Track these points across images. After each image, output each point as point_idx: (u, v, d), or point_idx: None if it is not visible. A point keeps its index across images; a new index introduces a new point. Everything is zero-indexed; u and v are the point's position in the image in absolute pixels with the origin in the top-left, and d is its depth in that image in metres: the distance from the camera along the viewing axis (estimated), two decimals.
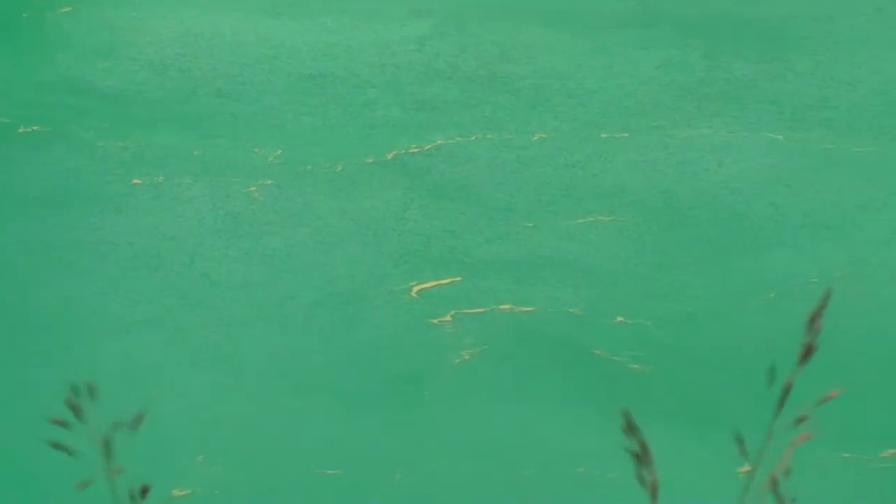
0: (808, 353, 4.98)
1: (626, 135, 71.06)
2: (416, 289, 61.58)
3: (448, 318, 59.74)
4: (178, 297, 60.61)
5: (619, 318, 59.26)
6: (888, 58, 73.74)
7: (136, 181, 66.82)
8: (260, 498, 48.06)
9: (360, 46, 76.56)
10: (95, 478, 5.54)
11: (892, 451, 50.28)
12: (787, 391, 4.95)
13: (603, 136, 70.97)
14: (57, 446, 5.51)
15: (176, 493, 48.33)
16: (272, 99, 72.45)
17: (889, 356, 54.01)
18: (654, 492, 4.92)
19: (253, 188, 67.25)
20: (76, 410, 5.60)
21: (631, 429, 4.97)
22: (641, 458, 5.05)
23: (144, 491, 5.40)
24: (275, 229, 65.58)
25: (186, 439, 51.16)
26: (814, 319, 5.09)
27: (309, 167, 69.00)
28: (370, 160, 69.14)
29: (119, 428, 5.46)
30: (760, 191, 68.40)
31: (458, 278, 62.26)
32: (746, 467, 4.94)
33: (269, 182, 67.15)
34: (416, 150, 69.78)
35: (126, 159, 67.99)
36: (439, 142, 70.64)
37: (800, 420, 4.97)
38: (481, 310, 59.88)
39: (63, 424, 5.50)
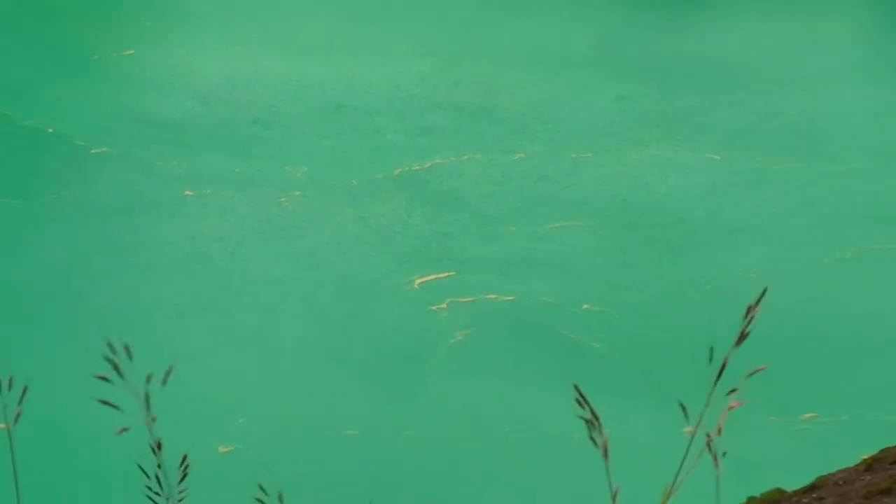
0: (742, 337, 5.03)
1: (590, 155, 70.32)
2: (417, 281, 61.02)
3: (444, 305, 59.28)
4: (223, 287, 60.02)
5: (585, 306, 58.78)
6: (807, 92, 72.82)
7: (187, 193, 66.14)
8: (289, 453, 47.39)
9: (371, 82, 75.62)
10: (135, 427, 5.56)
11: (810, 414, 49.86)
12: (723, 368, 4.99)
13: (572, 155, 70.26)
14: (104, 402, 5.51)
15: (222, 449, 47.79)
16: (299, 126, 71.63)
17: (806, 337, 53.48)
18: (605, 451, 4.95)
19: (283, 199, 66.53)
20: (115, 367, 5.61)
21: (582, 399, 4.99)
22: (592, 423, 5.07)
23: (159, 446, 5.40)
24: (301, 232, 64.92)
25: (230, 406, 50.54)
26: (749, 311, 5.14)
27: (329, 182, 68.31)
28: (380, 176, 68.39)
29: (152, 381, 5.48)
30: (700, 201, 67.80)
31: (453, 273, 61.76)
32: (689, 429, 4.96)
33: (297, 194, 66.41)
34: (417, 168, 69.06)
35: (179, 175, 67.29)
36: (437, 161, 69.92)
37: (732, 391, 5.00)
38: (471, 299, 59.38)
39: (106, 380, 5.52)
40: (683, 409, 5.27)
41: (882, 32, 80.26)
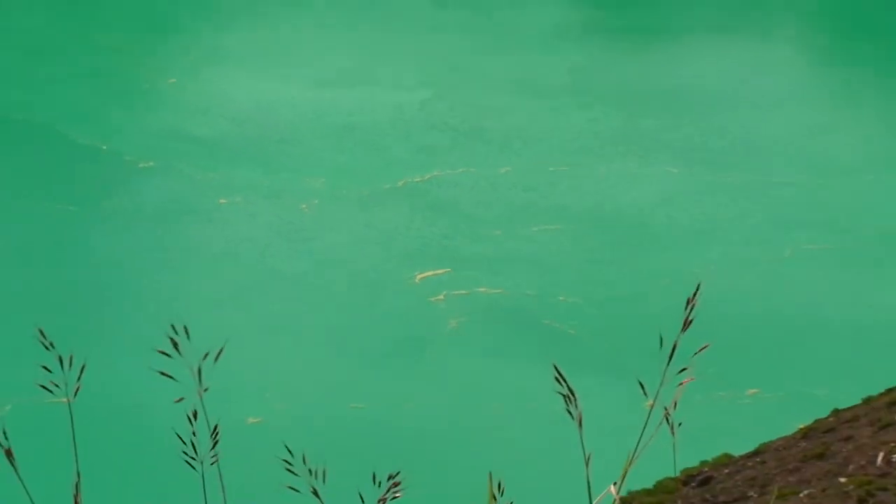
0: (686, 324, 5.05)
1: (566, 168, 70.34)
2: (418, 277, 60.98)
3: (441, 297, 59.23)
4: (251, 281, 59.92)
5: (561, 298, 58.74)
6: (751, 114, 72.78)
7: (221, 201, 66.05)
8: (308, 423, 47.34)
9: (379, 107, 75.59)
10: (188, 396, 5.56)
11: (754, 390, 49.80)
12: (673, 350, 5.00)
13: (550, 169, 70.26)
14: (162, 374, 5.53)
15: (251, 420, 47.74)
16: (317, 144, 71.60)
17: (750, 324, 53.44)
18: (579, 422, 4.95)
19: (304, 206, 66.50)
20: (174, 344, 5.62)
21: (560, 378, 5.00)
22: (569, 398, 5.06)
23: (195, 416, 5.40)
24: (319, 235, 64.88)
25: (258, 382, 50.52)
26: (689, 302, 5.16)
27: (343, 191, 68.25)
28: (386, 186, 68.32)
29: (206, 359, 5.50)
30: (659, 207, 67.83)
31: (449, 269, 61.70)
32: (649, 403, 4.96)
33: (316, 202, 66.39)
34: (418, 180, 69.01)
35: (214, 185, 67.20)
36: (435, 173, 69.82)
37: (683, 369, 5.00)
38: (465, 291, 59.31)
39: (166, 354, 5.52)
40: (642, 386, 5.28)
41: (814, 61, 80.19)
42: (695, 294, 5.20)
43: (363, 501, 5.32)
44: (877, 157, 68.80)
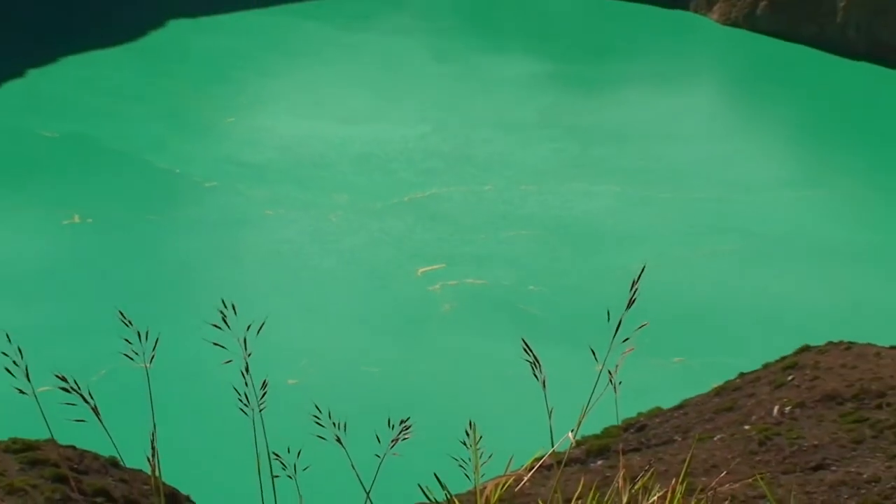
0: (630, 303, 5.04)
1: (535, 186, 70.12)
2: (419, 271, 60.82)
3: (437, 287, 59.02)
4: (290, 274, 59.65)
5: (531, 287, 58.55)
6: (678, 145, 72.58)
7: (268, 212, 65.74)
8: (334, 383, 47.00)
9: (389, 139, 75.43)
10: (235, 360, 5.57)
11: (679, 358, 49.48)
12: (618, 325, 4.98)
13: (522, 187, 70.06)
14: (215, 343, 5.52)
15: (290, 381, 47.47)
16: (342, 167, 71.30)
17: (678, 306, 53.18)
18: (543, 383, 4.94)
19: (332, 216, 66.27)
20: (225, 320, 5.62)
21: (527, 349, 4.98)
22: (534, 365, 5.05)
23: (247, 370, 5.43)
24: (343, 238, 64.60)
25: (295, 352, 50.28)
26: (633, 284, 5.16)
27: (362, 205, 68.03)
28: (395, 201, 68.14)
29: (249, 330, 5.50)
30: (608, 217, 67.55)
31: (444, 265, 61.47)
32: (598, 367, 4.95)
33: (340, 213, 66.11)
34: (420, 196, 68.83)
35: (262, 199, 66.84)
36: (433, 191, 69.66)
37: (625, 340, 4.99)
38: (456, 282, 59.13)
39: (218, 327, 5.51)
40: (593, 353, 5.28)
41: (723, 105, 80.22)
42: (638, 278, 5.21)
43: (379, 441, 5.33)
44: (771, 179, 68.87)
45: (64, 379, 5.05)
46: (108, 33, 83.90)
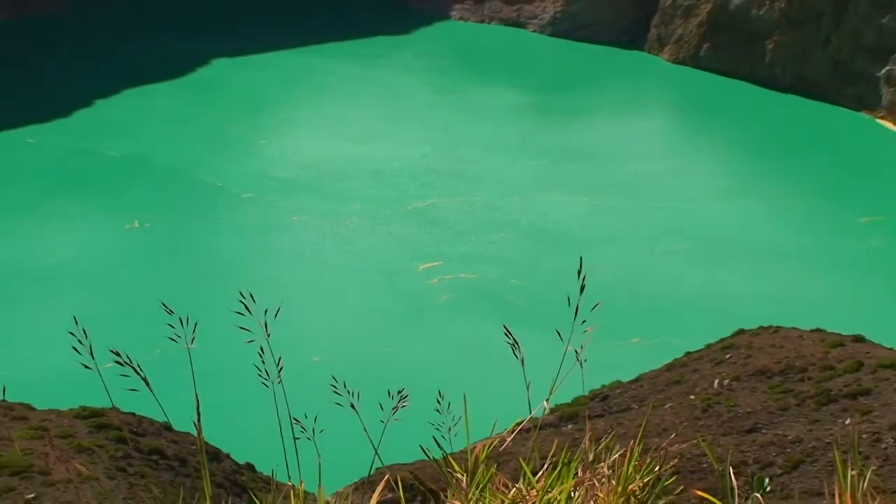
0: (582, 289, 5.05)
1: (517, 197, 69.87)
2: (421, 267, 60.60)
3: (436, 281, 58.81)
4: (314, 270, 59.36)
5: (513, 281, 58.37)
6: (636, 162, 72.44)
7: (294, 218, 65.46)
8: (351, 361, 46.81)
9: (395, 158, 75.24)
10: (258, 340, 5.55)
11: (636, 339, 49.19)
12: (577, 311, 4.98)
13: (505, 198, 69.78)
14: (242, 328, 5.50)
15: (315, 359, 47.29)
16: (356, 182, 71.03)
17: (634, 296, 53.11)
18: (522, 361, 4.94)
19: (348, 222, 65.89)
20: (246, 307, 5.60)
21: (508, 333, 4.99)
22: (514, 346, 5.07)
23: (262, 350, 5.41)
24: (357, 240, 64.33)
25: (319, 335, 50.05)
26: (580, 271, 5.17)
27: (373, 213, 67.75)
28: (400, 209, 67.90)
29: (270, 312, 5.49)
30: (578, 222, 67.49)
31: (441, 262, 61.29)
32: (566, 347, 4.95)
33: (355, 219, 65.76)
34: (421, 205, 68.59)
35: (289, 208, 66.62)
36: (432, 201, 69.46)
37: (583, 321, 4.99)
38: (451, 276, 58.92)
39: (241, 313, 5.50)
40: (559, 335, 5.29)
41: (673, 128, 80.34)
42: (580, 269, 5.25)
43: (382, 408, 5.35)
44: (712, 190, 68.97)
45: (118, 354, 5.05)
46: (163, 70, 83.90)
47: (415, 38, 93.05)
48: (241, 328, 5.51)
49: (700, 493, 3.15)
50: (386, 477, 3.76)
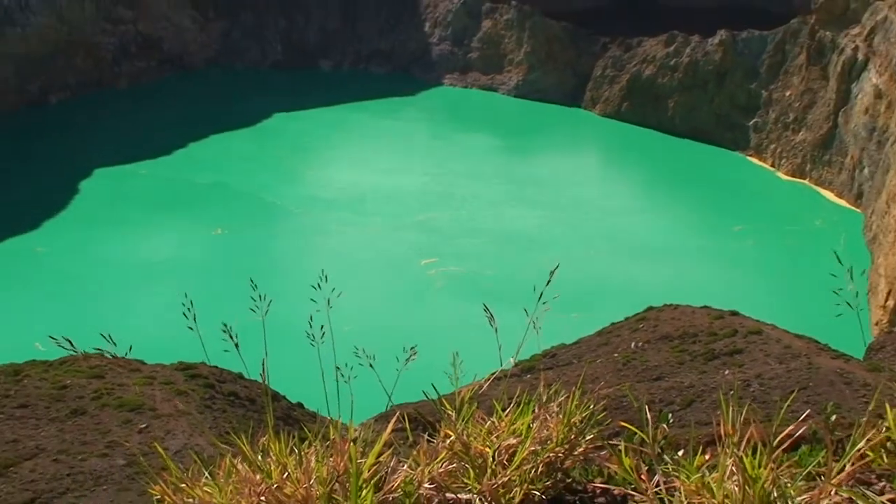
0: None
1: (492, 211, 69.28)
2: (422, 262, 59.98)
3: (433, 272, 58.25)
4: (346, 264, 58.83)
5: (489, 272, 57.83)
6: (574, 188, 71.98)
7: (332, 228, 64.52)
8: (371, 330, 46.27)
9: (404, 184, 74.64)
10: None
11: (576, 314, 48.72)
12: (540, 296, 4.92)
13: (483, 212, 69.22)
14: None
15: (345, 328, 47.08)
16: (377, 201, 70.53)
17: (576, 283, 52.65)
18: (496, 330, 4.89)
19: (370, 229, 65.35)
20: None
21: (487, 309, 4.95)
22: (491, 319, 5.03)
23: (311, 319, 5.34)
24: (377, 243, 63.81)
25: (349, 310, 49.43)
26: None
27: (389, 224, 67.14)
28: (408, 220, 67.39)
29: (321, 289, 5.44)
30: (533, 230, 66.99)
31: (437, 259, 60.72)
32: (528, 320, 4.91)
33: (375, 228, 65.20)
34: (423, 218, 68.05)
35: (329, 220, 65.99)
36: (431, 214, 68.89)
37: (545, 302, 4.93)
38: (444, 269, 58.29)
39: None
40: (526, 312, 5.23)
41: (603, 163, 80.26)
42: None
43: (398, 360, 5.32)
44: (632, 207, 68.96)
45: (226, 326, 5.03)
46: (238, 120, 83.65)
47: (417, 99, 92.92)
48: (312, 300, 5.48)
49: (623, 423, 3.14)
50: (397, 413, 3.74)
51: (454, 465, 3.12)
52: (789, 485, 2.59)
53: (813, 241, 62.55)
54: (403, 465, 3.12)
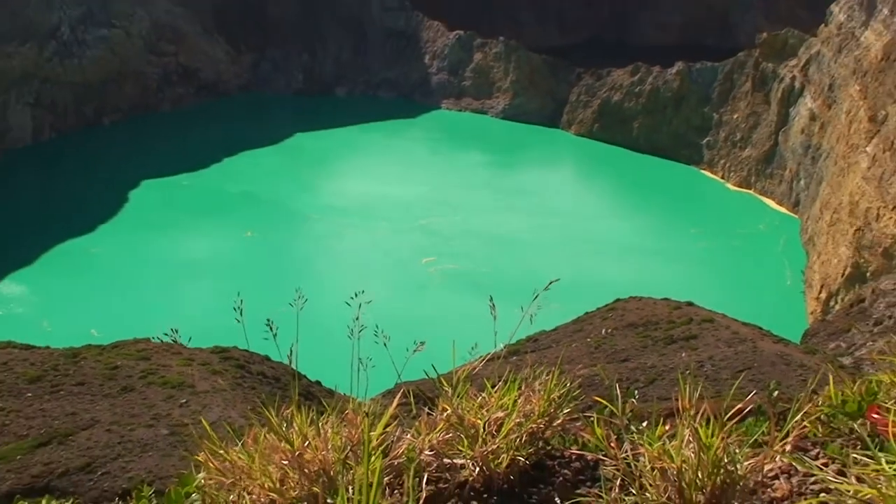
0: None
1: (483, 217, 69.14)
2: (423, 260, 59.78)
3: (433, 269, 58.05)
4: (357, 264, 58.62)
5: (481, 270, 57.66)
6: (552, 197, 71.65)
7: (346, 231, 64.34)
8: (382, 318, 46.46)
9: (408, 193, 74.37)
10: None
11: (556, 305, 48.72)
12: (535, 297, 4.84)
13: (475, 217, 69.01)
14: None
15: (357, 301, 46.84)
16: (383, 209, 70.34)
17: (553, 275, 52.74)
18: (494, 317, 4.86)
19: (379, 233, 65.15)
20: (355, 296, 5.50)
21: (491, 302, 4.90)
22: (492, 307, 4.99)
23: (360, 309, 5.25)
24: (385, 244, 63.65)
25: (357, 302, 49.37)
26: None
27: (395, 227, 67.01)
28: (411, 225, 67.16)
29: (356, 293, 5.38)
30: (519, 233, 66.91)
31: (436, 258, 60.55)
32: (523, 313, 4.88)
33: (383, 232, 64.97)
34: (424, 222, 67.85)
35: (343, 224, 65.80)
36: (431, 219, 68.63)
37: (538, 297, 4.88)
38: (442, 267, 58.09)
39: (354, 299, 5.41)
40: (522, 308, 5.19)
41: (577, 176, 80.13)
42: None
43: (408, 350, 5.27)
44: (602, 212, 68.87)
45: (269, 322, 5.00)
46: (265, 140, 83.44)
47: (419, 121, 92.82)
48: (349, 302, 5.38)
49: (596, 398, 3.15)
50: (402, 390, 3.75)
51: (450, 434, 3.13)
52: (738, 452, 2.62)
53: (757, 243, 62.94)
54: (407, 435, 3.14)
